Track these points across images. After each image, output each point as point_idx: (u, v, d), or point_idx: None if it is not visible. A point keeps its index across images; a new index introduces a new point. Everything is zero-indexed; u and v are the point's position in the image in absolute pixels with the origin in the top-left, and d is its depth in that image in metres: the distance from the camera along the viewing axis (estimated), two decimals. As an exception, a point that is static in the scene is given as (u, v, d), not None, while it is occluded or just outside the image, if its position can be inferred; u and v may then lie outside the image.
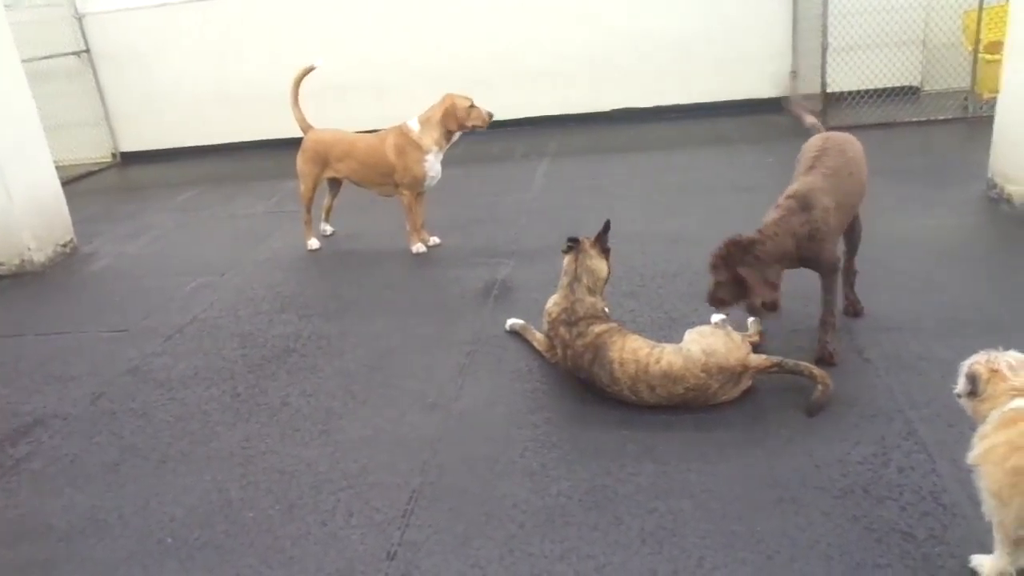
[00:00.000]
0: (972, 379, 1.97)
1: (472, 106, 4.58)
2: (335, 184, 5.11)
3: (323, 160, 4.90)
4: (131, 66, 8.40)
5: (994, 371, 1.94)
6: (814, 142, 3.25)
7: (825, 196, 2.96)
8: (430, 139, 4.60)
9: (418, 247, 4.79)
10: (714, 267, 2.90)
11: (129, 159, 8.71)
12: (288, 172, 7.45)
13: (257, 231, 5.68)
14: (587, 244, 3.21)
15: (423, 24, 7.86)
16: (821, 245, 2.95)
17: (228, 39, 8.18)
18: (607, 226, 3.26)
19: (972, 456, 1.97)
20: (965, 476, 2.35)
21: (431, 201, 5.03)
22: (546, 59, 7.78)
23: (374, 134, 4.83)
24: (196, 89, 8.39)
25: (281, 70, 8.12)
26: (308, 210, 5.05)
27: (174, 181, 7.61)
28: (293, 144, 8.35)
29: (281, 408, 3.19)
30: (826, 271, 3.06)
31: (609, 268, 3.24)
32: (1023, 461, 1.82)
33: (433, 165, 4.67)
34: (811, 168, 3.10)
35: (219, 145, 8.56)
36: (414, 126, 4.62)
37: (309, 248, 5.05)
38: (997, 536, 1.96)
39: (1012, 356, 1.98)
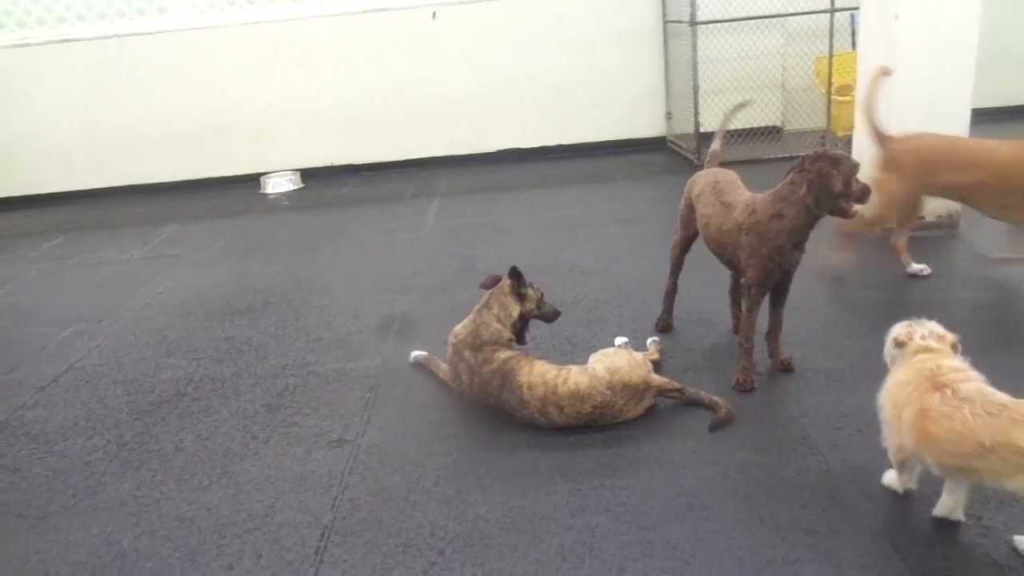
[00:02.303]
0: (897, 344, 2.30)
1: None
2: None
3: (928, 172, 3.90)
4: (-14, 109, 7.88)
5: (910, 338, 2.28)
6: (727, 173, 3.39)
7: None
8: None
9: None
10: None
11: (-17, 207, 8.11)
12: (165, 216, 7.23)
13: (135, 277, 5.38)
14: (505, 284, 3.18)
15: (302, 66, 7.80)
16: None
17: (93, 82, 7.82)
18: (515, 272, 3.17)
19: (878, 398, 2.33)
20: (856, 474, 2.53)
21: (317, 242, 4.92)
22: (428, 101, 7.87)
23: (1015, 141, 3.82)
24: (58, 133, 7.94)
25: (150, 114, 7.93)
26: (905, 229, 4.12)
27: (35, 230, 7.11)
28: (167, 188, 8.17)
29: (175, 453, 3.01)
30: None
31: (523, 312, 3.20)
32: (902, 394, 2.18)
33: None
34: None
35: (85, 191, 8.11)
36: None
37: (921, 273, 4.08)
38: (891, 458, 2.32)
39: (927, 328, 2.30)
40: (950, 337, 2.26)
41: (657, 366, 3.21)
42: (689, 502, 2.47)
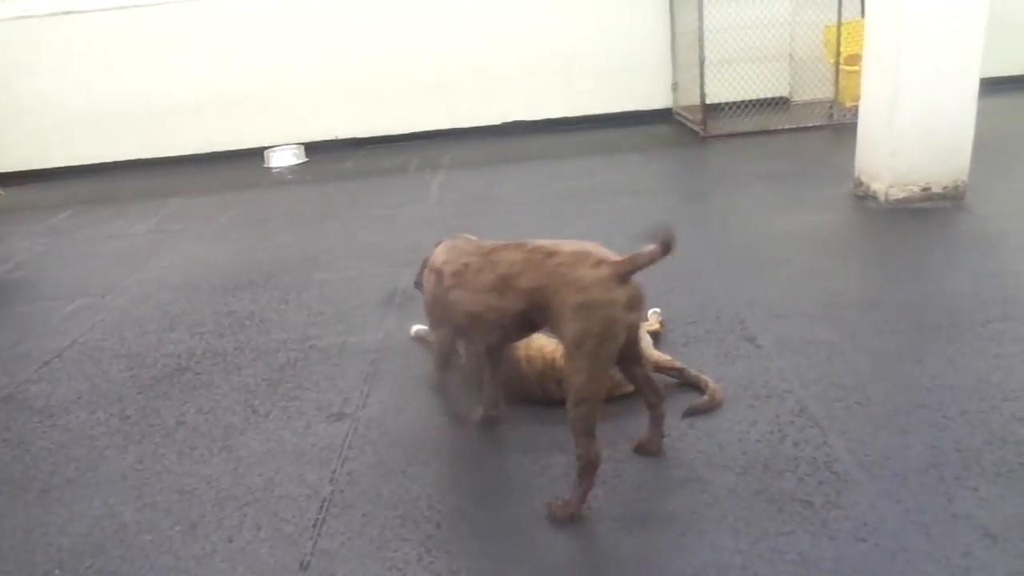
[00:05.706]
0: None
1: None
2: None
3: None
4: (-12, 83, 7.87)
5: None
6: None
7: None
8: None
9: None
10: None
11: (-12, 182, 8.13)
12: (170, 190, 7.24)
13: (139, 251, 5.40)
14: None
15: (305, 39, 7.74)
16: None
17: (96, 55, 7.79)
18: None
19: None
20: (854, 446, 2.52)
21: (320, 215, 4.93)
22: (432, 72, 7.81)
23: None
24: (63, 107, 7.94)
25: (154, 87, 7.90)
26: None
27: (40, 204, 7.14)
28: (171, 162, 8.17)
29: (176, 427, 3.03)
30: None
31: None
32: None
33: None
34: None
35: (90, 166, 8.13)
36: None
37: None
38: None
39: None
40: None
41: (656, 337, 3.20)
42: (685, 475, 2.47)
